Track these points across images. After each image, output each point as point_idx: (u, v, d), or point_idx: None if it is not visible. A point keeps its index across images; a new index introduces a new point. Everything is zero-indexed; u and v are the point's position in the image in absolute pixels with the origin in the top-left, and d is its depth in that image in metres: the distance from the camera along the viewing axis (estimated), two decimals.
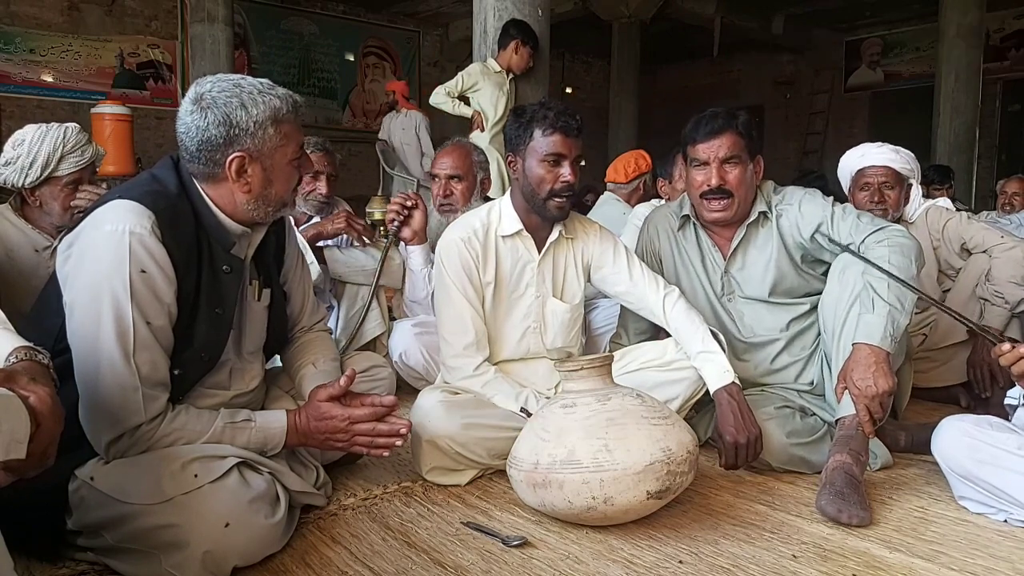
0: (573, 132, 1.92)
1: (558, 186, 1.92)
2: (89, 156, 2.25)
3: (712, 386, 1.90)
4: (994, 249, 2.58)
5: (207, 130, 1.41)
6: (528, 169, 1.94)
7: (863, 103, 11.86)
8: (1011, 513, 1.62)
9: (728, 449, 1.83)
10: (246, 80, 1.45)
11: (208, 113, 1.41)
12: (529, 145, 1.93)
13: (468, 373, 1.95)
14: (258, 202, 1.49)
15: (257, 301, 1.64)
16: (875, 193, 2.61)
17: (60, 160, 2.19)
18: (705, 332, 1.96)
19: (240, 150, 1.43)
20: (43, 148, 2.17)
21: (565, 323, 2.09)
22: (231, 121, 1.41)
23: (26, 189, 2.23)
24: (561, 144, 1.91)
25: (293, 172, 1.53)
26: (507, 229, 2.01)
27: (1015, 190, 5.11)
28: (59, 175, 2.20)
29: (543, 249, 2.04)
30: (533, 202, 1.96)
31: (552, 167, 1.91)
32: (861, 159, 2.67)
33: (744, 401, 1.86)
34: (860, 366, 1.77)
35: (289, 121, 1.48)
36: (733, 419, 1.83)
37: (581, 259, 2.10)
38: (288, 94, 1.48)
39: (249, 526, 1.36)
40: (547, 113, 1.91)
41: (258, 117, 1.42)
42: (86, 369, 1.33)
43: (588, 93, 13.11)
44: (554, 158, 1.91)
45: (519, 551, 1.51)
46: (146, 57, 9.12)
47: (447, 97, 4.47)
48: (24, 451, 0.93)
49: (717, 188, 2.02)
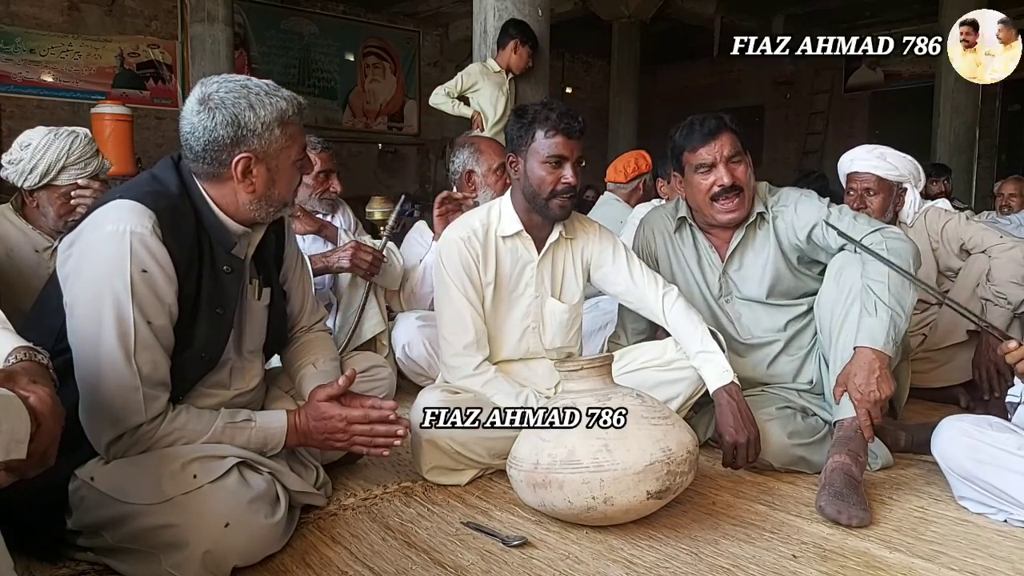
0: (576, 134, 1.91)
1: (560, 187, 1.92)
2: (92, 169, 2.22)
3: (711, 386, 1.90)
4: (993, 249, 2.58)
5: (214, 130, 1.41)
6: (529, 170, 1.93)
7: (863, 103, 11.86)
8: (1011, 513, 1.62)
9: (727, 449, 1.83)
10: (252, 81, 1.46)
11: (216, 113, 1.40)
12: (531, 146, 1.92)
13: (468, 372, 1.95)
14: (261, 202, 1.50)
15: (257, 300, 1.64)
16: (857, 199, 2.65)
17: (61, 170, 2.16)
18: (704, 332, 1.96)
19: (247, 151, 1.43)
20: (46, 156, 2.14)
21: (564, 323, 2.09)
22: (239, 122, 1.41)
23: (25, 190, 2.22)
24: (563, 146, 1.90)
25: (296, 173, 1.54)
26: (507, 229, 2.01)
27: (1012, 191, 5.12)
28: (58, 184, 2.18)
29: (543, 249, 2.04)
30: (534, 202, 1.96)
31: (554, 169, 1.91)
32: (851, 163, 2.71)
33: (743, 401, 1.86)
34: (862, 371, 1.77)
35: (294, 123, 1.49)
36: (732, 419, 1.83)
37: (581, 259, 2.10)
38: (293, 96, 1.49)
39: (249, 526, 1.36)
40: (549, 114, 1.90)
41: (266, 119, 1.43)
42: (87, 369, 1.33)
43: (588, 93, 13.11)
44: (556, 160, 1.90)
45: (519, 551, 1.51)
46: (146, 57, 9.12)
47: (447, 97, 4.46)
48: (24, 451, 0.93)
49: (731, 185, 2.02)
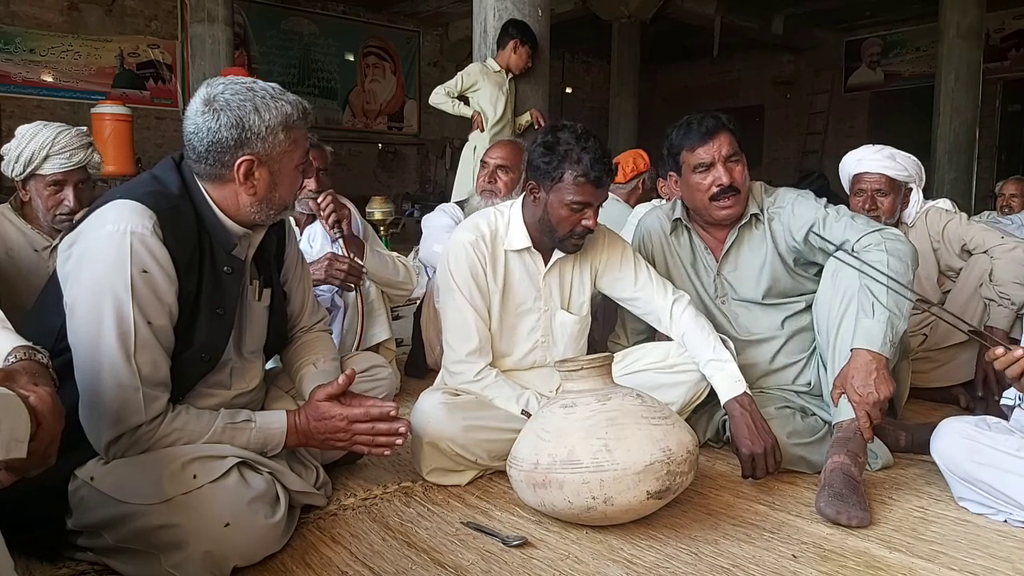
0: (605, 184, 1.87)
1: (578, 229, 1.89)
2: (77, 160, 2.22)
3: (723, 396, 1.87)
4: (995, 250, 2.58)
5: (218, 132, 1.40)
6: (550, 205, 1.88)
7: (863, 103, 11.87)
8: (1011, 514, 1.62)
9: (745, 461, 1.79)
10: (258, 84, 1.46)
11: (221, 115, 1.40)
12: (557, 184, 1.85)
13: (469, 379, 1.93)
14: (261, 205, 1.50)
15: (257, 301, 1.64)
16: (868, 200, 2.61)
17: (45, 159, 2.18)
18: (716, 340, 1.93)
19: (250, 153, 1.43)
20: (31, 144, 2.18)
21: (574, 335, 2.06)
22: (244, 124, 1.41)
23: (17, 182, 2.24)
24: (591, 195, 1.85)
25: (297, 177, 1.54)
26: (515, 244, 1.97)
27: (1013, 192, 5.12)
28: (42, 173, 2.20)
29: (550, 262, 2.01)
30: (549, 235, 1.92)
31: (575, 212, 1.86)
32: (858, 164, 2.65)
33: (757, 411, 1.83)
34: (860, 372, 1.76)
35: (298, 127, 1.48)
36: (747, 430, 1.80)
37: (589, 268, 2.07)
38: (299, 101, 1.49)
39: (249, 526, 1.36)
40: (583, 156, 1.82)
41: (270, 122, 1.43)
42: (87, 369, 1.33)
43: (588, 93, 13.12)
44: (580, 206, 1.86)
45: (519, 551, 1.51)
46: (146, 57, 9.14)
47: (447, 97, 4.47)
48: (24, 450, 0.93)
49: (729, 186, 2.01)
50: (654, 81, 13.31)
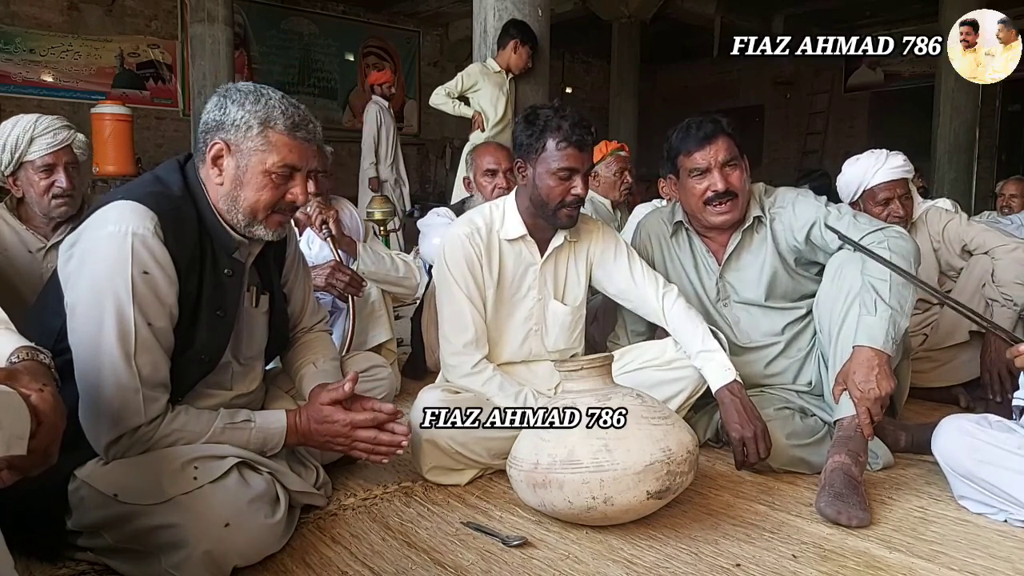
0: (588, 146, 1.89)
1: (569, 199, 1.90)
2: (62, 139, 2.24)
3: (714, 385, 1.89)
4: (996, 251, 2.58)
5: (209, 112, 1.48)
6: (538, 178, 1.91)
7: (863, 103, 11.87)
8: (1011, 513, 1.62)
9: (736, 446, 1.82)
10: (269, 90, 1.50)
11: (218, 99, 1.48)
12: (541, 155, 1.89)
13: (466, 371, 1.94)
14: (230, 200, 1.48)
15: (255, 307, 1.64)
16: (897, 207, 2.57)
17: (30, 143, 2.20)
18: (705, 331, 1.96)
19: (222, 138, 1.46)
20: (14, 131, 2.20)
21: (567, 325, 2.08)
22: (226, 109, 1.46)
23: (8, 179, 2.24)
24: (575, 159, 1.87)
25: (266, 183, 1.48)
26: (511, 233, 1.99)
27: (1013, 192, 5.12)
28: (31, 159, 2.21)
29: (546, 252, 2.03)
30: (541, 210, 1.94)
31: (563, 180, 1.89)
32: (875, 175, 2.58)
33: (746, 397, 1.86)
34: (862, 368, 1.77)
35: (280, 133, 1.46)
36: (737, 415, 1.82)
37: (584, 260, 2.09)
38: (298, 112, 1.49)
39: (249, 526, 1.36)
40: (561, 123, 1.86)
41: (247, 114, 1.45)
42: (87, 370, 1.33)
43: (588, 93, 13.11)
44: (566, 172, 1.88)
45: (519, 551, 1.51)
46: (146, 57, 9.13)
47: (447, 98, 4.47)
48: (25, 447, 0.93)
49: (724, 191, 2.01)
50: (654, 81, 13.30)
